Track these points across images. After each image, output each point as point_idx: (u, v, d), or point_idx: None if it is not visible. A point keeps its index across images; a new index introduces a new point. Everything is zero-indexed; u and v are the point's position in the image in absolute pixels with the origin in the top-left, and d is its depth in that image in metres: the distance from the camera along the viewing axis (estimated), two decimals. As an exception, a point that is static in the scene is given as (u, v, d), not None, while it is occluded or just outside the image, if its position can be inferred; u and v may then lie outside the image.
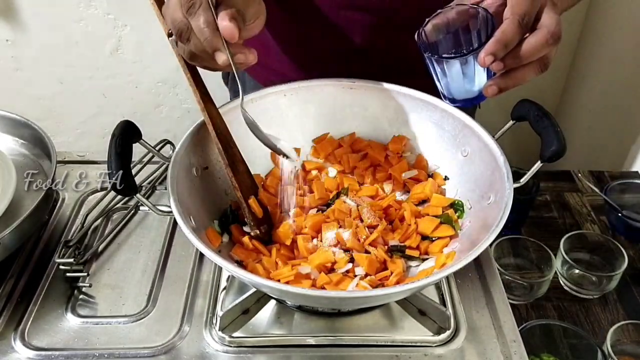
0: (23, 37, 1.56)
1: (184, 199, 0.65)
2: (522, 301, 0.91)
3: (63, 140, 1.77)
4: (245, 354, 0.66)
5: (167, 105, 1.74)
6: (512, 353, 0.66)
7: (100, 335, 0.68)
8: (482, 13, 0.64)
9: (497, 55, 0.60)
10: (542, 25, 0.62)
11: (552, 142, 0.65)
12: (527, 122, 0.71)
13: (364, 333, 0.68)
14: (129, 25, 1.55)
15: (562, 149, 0.64)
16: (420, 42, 0.67)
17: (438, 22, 0.67)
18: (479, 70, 0.65)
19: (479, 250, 0.58)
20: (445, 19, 0.67)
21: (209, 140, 0.72)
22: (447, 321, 0.68)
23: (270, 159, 0.82)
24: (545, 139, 0.66)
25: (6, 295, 0.73)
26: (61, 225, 0.83)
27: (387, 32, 0.85)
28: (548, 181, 1.15)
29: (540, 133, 0.67)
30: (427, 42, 0.67)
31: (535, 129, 0.68)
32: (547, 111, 0.68)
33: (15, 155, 0.88)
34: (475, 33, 0.66)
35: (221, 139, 0.69)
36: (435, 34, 0.67)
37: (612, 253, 0.94)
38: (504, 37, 0.60)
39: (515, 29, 0.60)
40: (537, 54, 0.62)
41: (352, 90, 0.81)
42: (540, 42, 0.61)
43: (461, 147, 0.76)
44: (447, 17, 0.67)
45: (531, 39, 0.61)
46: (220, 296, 0.72)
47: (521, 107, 0.71)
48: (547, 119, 0.67)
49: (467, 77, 0.66)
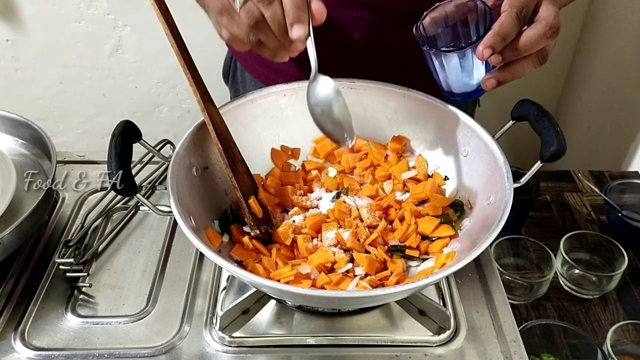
0: (23, 37, 1.56)
1: (184, 199, 0.65)
2: (522, 301, 0.91)
3: (63, 140, 1.77)
4: (245, 354, 0.66)
5: (167, 105, 1.74)
6: (512, 353, 0.66)
7: (100, 335, 0.68)
8: (480, 6, 0.64)
9: (495, 48, 0.60)
10: (540, 18, 0.62)
11: (552, 142, 0.65)
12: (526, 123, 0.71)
13: (364, 333, 0.68)
14: (129, 25, 1.55)
15: (562, 149, 0.65)
16: (418, 36, 0.67)
17: (436, 16, 0.67)
18: (478, 64, 0.65)
19: (479, 250, 0.58)
20: (443, 12, 0.67)
21: (209, 140, 0.72)
22: (447, 321, 0.68)
23: (270, 159, 0.82)
24: (545, 139, 0.66)
25: (6, 295, 0.73)
26: (61, 225, 0.83)
27: (387, 29, 0.85)
28: (548, 181, 1.15)
29: (540, 133, 0.67)
30: (425, 35, 0.67)
31: (535, 129, 0.68)
32: (547, 111, 0.68)
33: (15, 155, 0.88)
34: (473, 26, 0.66)
35: (221, 139, 0.69)
36: (434, 28, 0.67)
37: (612, 253, 0.94)
38: (502, 29, 0.60)
39: (513, 22, 0.60)
40: (535, 47, 0.62)
41: (351, 90, 0.80)
42: (538, 34, 0.61)
43: (461, 147, 0.76)
44: (445, 10, 0.67)
45: (529, 32, 0.61)
46: (220, 296, 0.72)
47: (521, 107, 0.71)
48: (547, 119, 0.67)
49: (466, 71, 0.66)
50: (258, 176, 0.79)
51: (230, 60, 1.08)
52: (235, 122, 0.76)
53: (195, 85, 0.68)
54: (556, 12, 0.62)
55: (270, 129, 0.81)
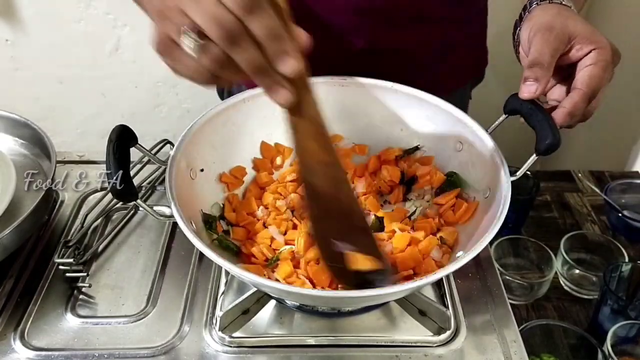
0: (23, 37, 1.56)
1: (183, 201, 0.64)
2: (522, 301, 0.91)
3: (63, 140, 1.77)
4: (245, 354, 0.66)
5: (167, 105, 1.74)
6: (512, 353, 0.66)
7: (99, 336, 0.68)
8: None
9: (563, 125, 0.65)
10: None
11: (547, 135, 0.64)
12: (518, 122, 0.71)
13: (364, 333, 0.68)
14: (129, 25, 1.55)
15: (557, 141, 0.64)
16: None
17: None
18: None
19: (479, 247, 0.58)
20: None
21: (203, 141, 0.71)
22: (447, 321, 0.68)
23: (252, 167, 0.80)
24: (539, 132, 0.66)
25: (6, 295, 0.73)
26: (61, 225, 0.83)
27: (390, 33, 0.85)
28: (548, 181, 1.15)
29: (535, 127, 0.67)
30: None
31: (529, 123, 0.68)
32: (540, 104, 0.68)
33: (15, 155, 0.88)
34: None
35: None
36: None
37: (612, 253, 0.94)
38: (574, 109, 0.64)
39: (584, 105, 0.65)
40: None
41: (343, 88, 0.80)
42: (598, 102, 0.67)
43: (455, 142, 0.76)
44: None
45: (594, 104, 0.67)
46: (220, 296, 0.72)
47: (513, 101, 0.70)
48: (541, 113, 0.66)
49: None
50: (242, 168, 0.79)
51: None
52: (228, 122, 0.75)
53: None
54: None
55: (264, 128, 0.80)
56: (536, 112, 0.66)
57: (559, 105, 0.66)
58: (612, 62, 0.67)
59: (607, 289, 0.82)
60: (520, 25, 0.71)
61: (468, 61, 1.00)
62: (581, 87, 0.65)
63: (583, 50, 0.66)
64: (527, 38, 0.68)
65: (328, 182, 0.58)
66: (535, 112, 0.66)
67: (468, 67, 1.01)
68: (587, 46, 0.65)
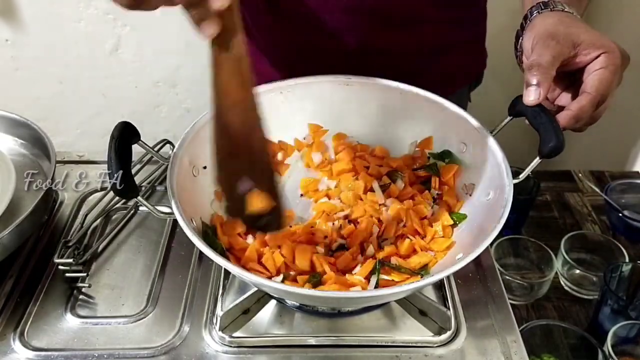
0: (23, 37, 1.56)
1: (184, 200, 0.64)
2: (522, 301, 0.91)
3: (63, 140, 1.77)
4: (245, 354, 0.66)
5: (167, 105, 1.74)
6: (512, 353, 0.66)
7: (99, 336, 0.68)
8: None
9: (567, 127, 0.65)
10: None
11: (551, 138, 0.64)
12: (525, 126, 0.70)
13: (365, 333, 0.68)
14: (129, 25, 1.55)
15: (561, 144, 0.64)
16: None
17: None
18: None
19: (480, 248, 0.58)
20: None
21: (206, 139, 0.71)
22: (447, 321, 0.68)
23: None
24: (543, 134, 0.66)
25: (6, 295, 0.73)
26: (61, 225, 0.83)
27: (383, 33, 0.85)
28: (548, 181, 1.15)
29: (538, 129, 0.66)
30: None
31: (533, 125, 0.68)
32: (545, 107, 0.68)
33: (15, 155, 0.88)
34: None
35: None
36: None
37: (612, 253, 0.94)
38: (580, 113, 0.64)
39: (591, 109, 0.64)
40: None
41: (348, 87, 0.80)
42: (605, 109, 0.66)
43: (459, 143, 0.76)
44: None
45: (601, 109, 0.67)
46: (220, 296, 0.71)
47: (518, 103, 0.70)
48: (545, 115, 0.66)
49: None
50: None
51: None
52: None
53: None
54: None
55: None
56: (541, 115, 0.66)
57: (566, 108, 0.65)
58: (622, 66, 0.66)
59: (607, 289, 0.82)
60: (522, 34, 0.70)
61: (464, 64, 0.99)
62: (590, 91, 0.64)
63: (591, 54, 0.65)
64: (530, 47, 0.67)
65: (242, 121, 0.58)
66: (540, 115, 0.66)
67: (464, 70, 1.01)
68: (595, 50, 0.64)
